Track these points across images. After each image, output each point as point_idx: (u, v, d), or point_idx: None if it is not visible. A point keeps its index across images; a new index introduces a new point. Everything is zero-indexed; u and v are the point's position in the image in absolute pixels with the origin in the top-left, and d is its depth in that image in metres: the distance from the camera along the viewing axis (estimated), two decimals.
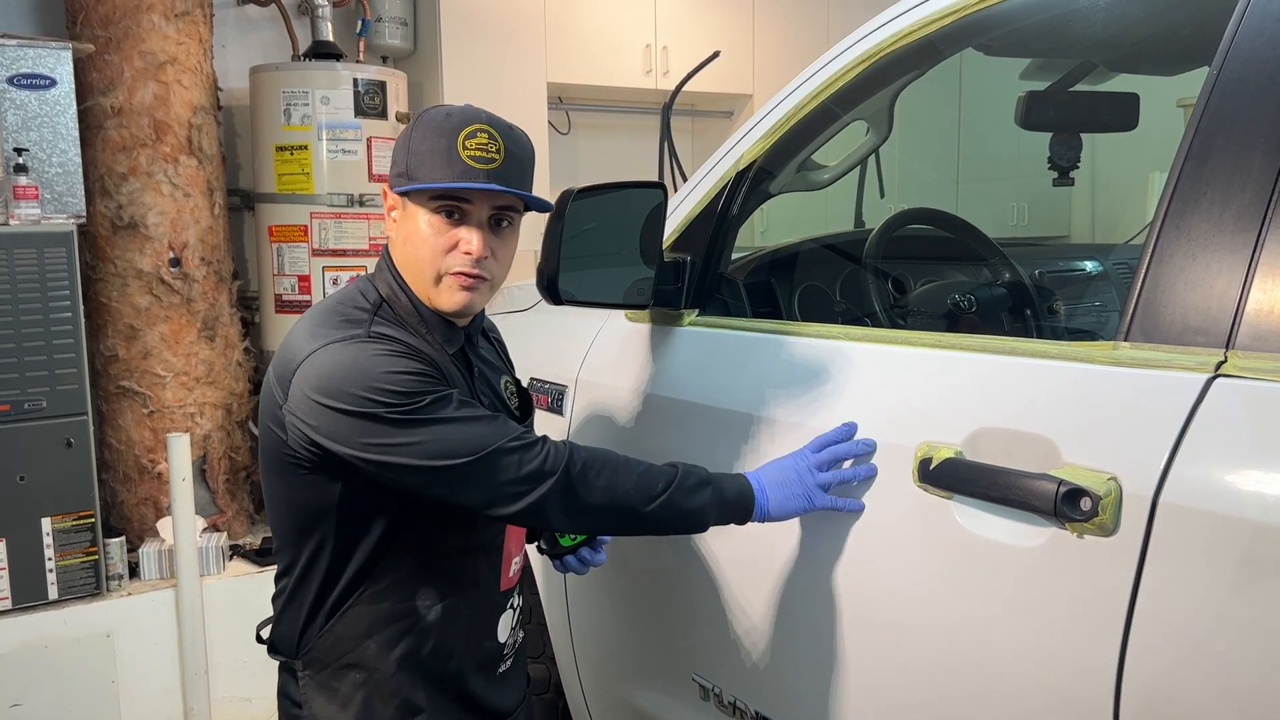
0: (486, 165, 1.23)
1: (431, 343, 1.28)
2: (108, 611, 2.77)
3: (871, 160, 2.14)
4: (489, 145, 1.24)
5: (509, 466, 1.19)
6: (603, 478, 1.23)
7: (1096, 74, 2.08)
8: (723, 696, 1.50)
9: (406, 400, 1.17)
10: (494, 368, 1.44)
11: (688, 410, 1.54)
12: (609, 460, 1.25)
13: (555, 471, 1.20)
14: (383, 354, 1.19)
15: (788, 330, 1.47)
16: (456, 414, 1.19)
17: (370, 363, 1.18)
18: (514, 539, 1.41)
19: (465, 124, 1.24)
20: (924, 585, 1.16)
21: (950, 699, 1.14)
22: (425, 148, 1.24)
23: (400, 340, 1.23)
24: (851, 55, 1.46)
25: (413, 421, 1.17)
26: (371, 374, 1.17)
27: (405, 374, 1.18)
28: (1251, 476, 0.89)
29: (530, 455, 1.20)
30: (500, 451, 1.19)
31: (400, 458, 1.18)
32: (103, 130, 2.96)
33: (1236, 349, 0.94)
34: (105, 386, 3.07)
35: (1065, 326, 2.09)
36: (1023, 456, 1.06)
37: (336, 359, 1.19)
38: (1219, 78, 1.01)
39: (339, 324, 1.24)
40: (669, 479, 1.25)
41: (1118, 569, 0.96)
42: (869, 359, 1.32)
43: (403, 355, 1.20)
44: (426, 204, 1.25)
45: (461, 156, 1.22)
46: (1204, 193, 0.99)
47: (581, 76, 4.10)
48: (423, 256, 1.26)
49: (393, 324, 1.27)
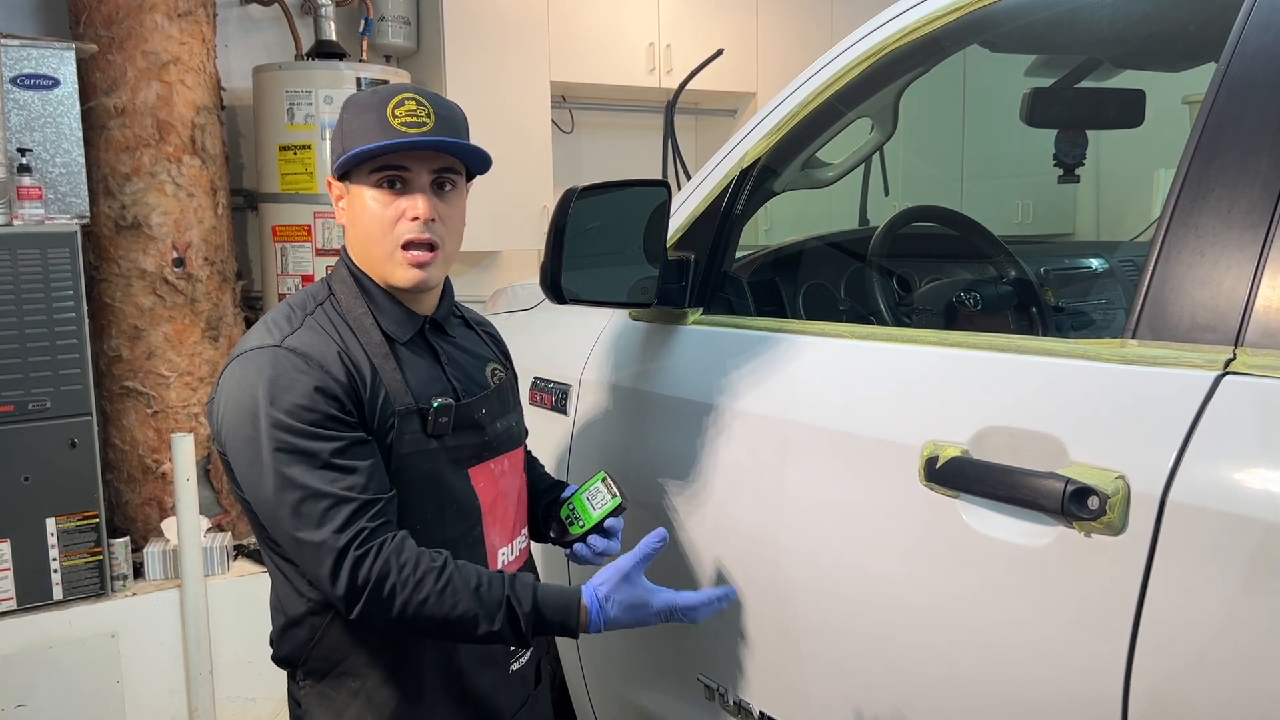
0: (419, 129, 1.23)
1: (370, 338, 1.27)
2: (112, 612, 2.77)
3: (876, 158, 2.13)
4: (418, 111, 1.24)
5: (318, 562, 1.17)
6: (410, 608, 1.17)
7: (1102, 70, 2.07)
8: (728, 697, 1.50)
9: (278, 429, 1.17)
10: (475, 355, 1.42)
11: (692, 409, 1.53)
12: (426, 589, 1.17)
13: (354, 595, 1.16)
14: (282, 374, 1.19)
15: (792, 329, 1.46)
16: (303, 478, 1.17)
17: (261, 380, 1.19)
18: (496, 530, 1.38)
19: (392, 95, 1.24)
20: (930, 584, 1.16)
21: (957, 698, 1.14)
22: (356, 125, 1.24)
23: (310, 353, 1.21)
24: (855, 52, 1.45)
25: (263, 453, 1.17)
26: (257, 392, 1.18)
27: (294, 404, 1.17)
28: (1260, 475, 0.89)
29: (341, 564, 1.15)
30: (309, 545, 1.17)
31: (244, 482, 1.21)
32: (106, 130, 2.95)
33: (1245, 346, 0.93)
34: (109, 387, 3.07)
35: (1071, 324, 2.08)
36: (1029, 455, 1.06)
37: (240, 370, 1.22)
38: (1227, 73, 1.00)
39: (273, 325, 1.25)
40: (485, 612, 1.19)
41: (1126, 568, 0.96)
42: (874, 357, 1.32)
43: (302, 374, 1.19)
44: (367, 180, 1.25)
45: (392, 124, 1.22)
46: (1212, 189, 0.98)
47: (585, 75, 4.09)
48: (372, 233, 1.26)
49: (330, 321, 1.27)
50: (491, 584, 1.21)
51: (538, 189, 3.96)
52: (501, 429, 1.39)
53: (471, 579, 1.20)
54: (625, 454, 1.66)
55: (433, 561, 1.18)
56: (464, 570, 1.20)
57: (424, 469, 1.28)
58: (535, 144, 3.97)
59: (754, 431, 1.42)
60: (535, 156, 3.96)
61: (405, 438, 1.26)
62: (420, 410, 1.27)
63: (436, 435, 1.28)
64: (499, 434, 1.38)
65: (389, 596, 1.16)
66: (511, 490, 1.42)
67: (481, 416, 1.35)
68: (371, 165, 1.24)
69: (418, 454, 1.27)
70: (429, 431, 1.28)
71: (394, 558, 1.17)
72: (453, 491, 1.31)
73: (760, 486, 1.41)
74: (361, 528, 1.16)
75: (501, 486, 1.39)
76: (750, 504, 1.42)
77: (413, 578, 1.16)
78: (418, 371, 1.30)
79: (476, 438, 1.34)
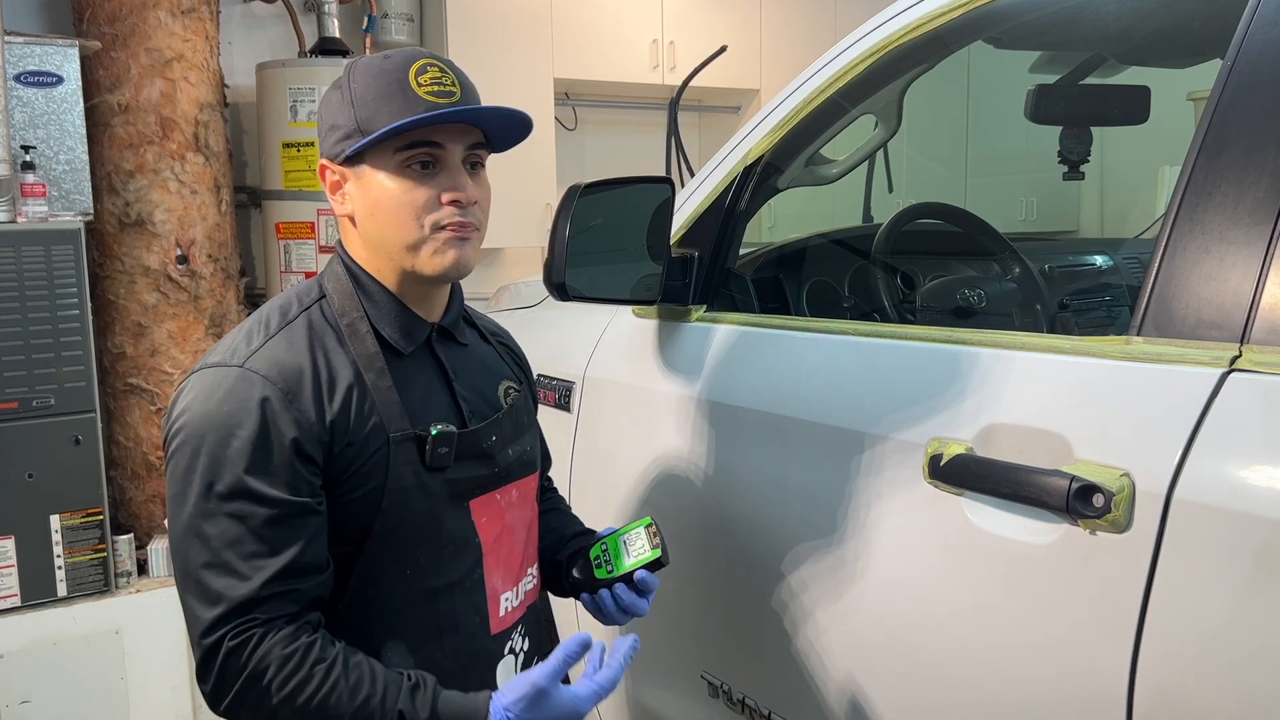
0: (448, 100, 1.06)
1: (364, 349, 1.10)
2: (116, 609, 2.77)
3: (880, 155, 2.13)
4: (443, 78, 1.07)
5: (193, 638, 1.01)
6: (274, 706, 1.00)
7: (1106, 67, 2.06)
8: (732, 694, 1.50)
9: (211, 471, 1.01)
10: (488, 369, 1.25)
11: (695, 406, 1.53)
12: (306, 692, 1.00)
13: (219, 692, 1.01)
14: (236, 407, 1.02)
15: (796, 326, 1.46)
16: (214, 543, 1.00)
17: (212, 407, 1.03)
18: (499, 573, 1.19)
19: (410, 60, 1.07)
20: (934, 582, 1.16)
21: (961, 697, 1.14)
22: (372, 94, 1.06)
23: (274, 377, 1.04)
24: (859, 49, 1.45)
25: (189, 492, 1.01)
26: (204, 421, 1.02)
27: (239, 450, 1.01)
28: (1266, 472, 0.88)
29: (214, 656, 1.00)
30: (190, 614, 1.01)
31: (168, 507, 1.04)
32: (110, 128, 2.95)
33: (1251, 343, 0.93)
34: (113, 384, 3.07)
35: (1076, 321, 2.08)
36: (1034, 452, 1.05)
37: (195, 388, 1.06)
38: (1233, 69, 1.00)
39: (247, 334, 1.09)
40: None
41: (1131, 566, 0.96)
42: (878, 354, 1.31)
43: (257, 410, 1.02)
44: (389, 161, 1.07)
45: (420, 94, 1.05)
46: (1218, 186, 0.98)
47: (588, 72, 4.09)
48: (401, 221, 1.07)
49: (314, 329, 1.10)
50: (386, 692, 1.02)
51: (541, 186, 3.96)
52: (513, 456, 1.21)
53: (364, 685, 1.01)
54: (628, 451, 1.66)
55: (313, 662, 1.00)
56: (356, 672, 1.02)
57: (419, 507, 1.10)
58: (538, 141, 3.97)
59: (758, 429, 1.42)
60: (538, 153, 3.96)
61: (398, 469, 1.08)
62: (417, 438, 1.09)
63: (436, 468, 1.11)
64: (510, 462, 1.20)
65: (259, 697, 1.00)
66: (519, 524, 1.23)
67: (491, 445, 1.17)
68: (398, 143, 1.06)
69: (411, 488, 1.09)
70: (427, 463, 1.10)
71: (277, 650, 0.99)
72: (450, 530, 1.13)
73: (764, 484, 1.41)
74: (251, 618, 1.00)
75: (508, 521, 1.20)
76: (754, 501, 1.42)
77: (292, 679, 0.99)
78: (418, 389, 1.13)
79: (485, 469, 1.17)
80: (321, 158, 1.13)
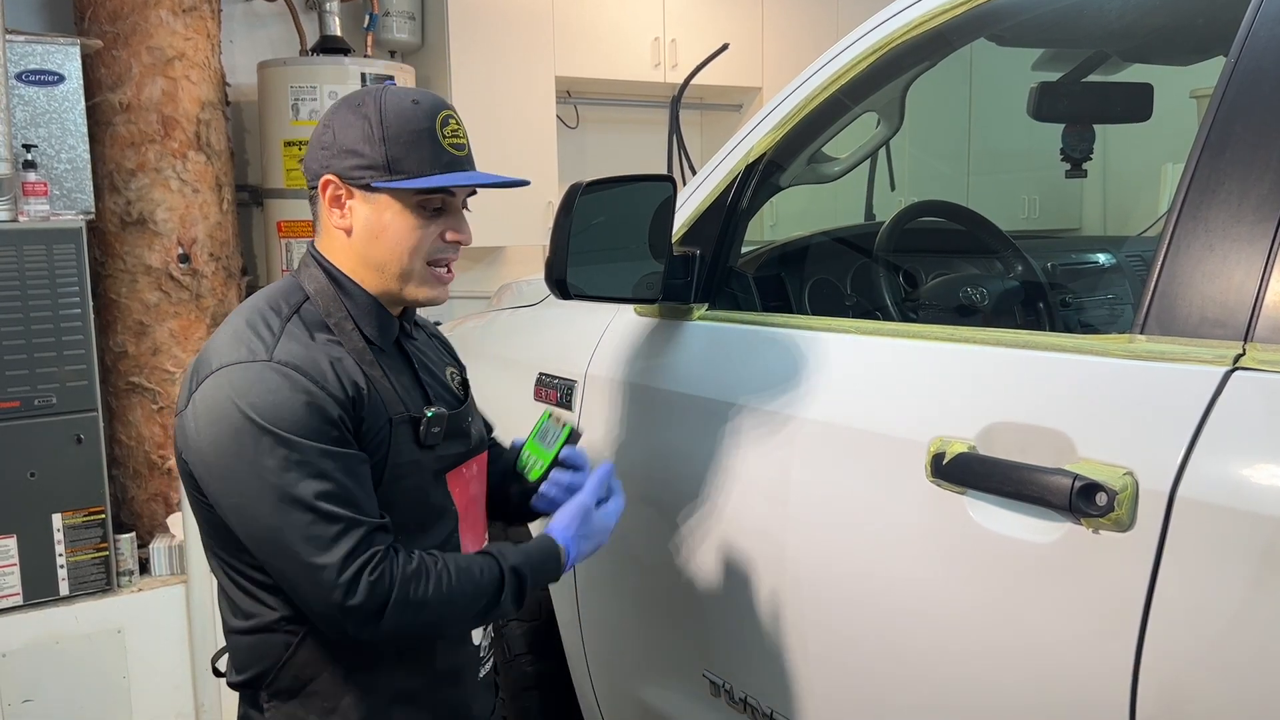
0: (463, 153, 1.23)
1: (354, 343, 1.22)
2: (119, 607, 2.77)
3: (882, 153, 2.12)
4: (459, 131, 1.23)
5: (328, 585, 1.11)
6: (426, 618, 1.16)
7: (1109, 64, 2.06)
8: (734, 693, 1.49)
9: (284, 447, 1.11)
10: (436, 358, 1.39)
11: (697, 405, 1.53)
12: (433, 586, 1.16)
13: (372, 616, 1.12)
14: (277, 390, 1.12)
15: (798, 324, 1.46)
16: (313, 500, 1.11)
17: (255, 397, 1.12)
18: (470, 536, 1.34)
19: (437, 110, 1.21)
20: (936, 581, 1.15)
21: (962, 696, 1.13)
22: (404, 138, 1.19)
23: (304, 367, 1.14)
24: (862, 47, 1.45)
25: (262, 474, 1.11)
26: (249, 410, 1.12)
27: (297, 423, 1.12)
28: (1270, 471, 0.88)
29: (354, 588, 1.11)
30: (318, 568, 1.11)
31: (228, 504, 1.14)
32: (111, 126, 2.96)
33: (1255, 341, 0.92)
34: (115, 383, 3.07)
35: (1079, 320, 2.08)
36: (1037, 451, 1.05)
37: (226, 386, 1.14)
38: (1237, 66, 1.00)
39: (251, 335, 1.17)
40: (491, 593, 1.20)
41: (1134, 565, 0.95)
42: (880, 353, 1.31)
43: (300, 391, 1.13)
44: (409, 200, 1.20)
45: (444, 145, 1.20)
46: (1222, 183, 0.98)
47: (589, 70, 4.09)
48: (402, 251, 1.22)
49: (310, 328, 1.20)
50: (487, 565, 1.21)
51: (542, 184, 3.96)
52: (476, 434, 1.37)
53: (474, 565, 1.20)
54: (630, 450, 1.66)
55: (431, 565, 1.17)
56: (463, 560, 1.21)
57: (413, 480, 1.24)
58: (540, 139, 3.97)
59: (759, 427, 1.42)
60: (540, 152, 3.96)
61: (398, 447, 1.22)
62: (413, 419, 1.23)
63: (429, 445, 1.25)
64: (476, 439, 1.37)
65: (408, 612, 1.14)
66: (480, 494, 1.40)
67: (468, 424, 1.34)
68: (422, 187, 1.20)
69: (407, 464, 1.23)
70: (421, 441, 1.24)
71: (401, 572, 1.14)
72: (435, 500, 1.28)
73: (766, 482, 1.40)
74: (375, 550, 1.13)
75: (473, 491, 1.37)
76: (756, 500, 1.42)
77: (424, 588, 1.15)
78: (401, 378, 1.26)
79: (462, 445, 1.32)
80: (325, 172, 1.22)
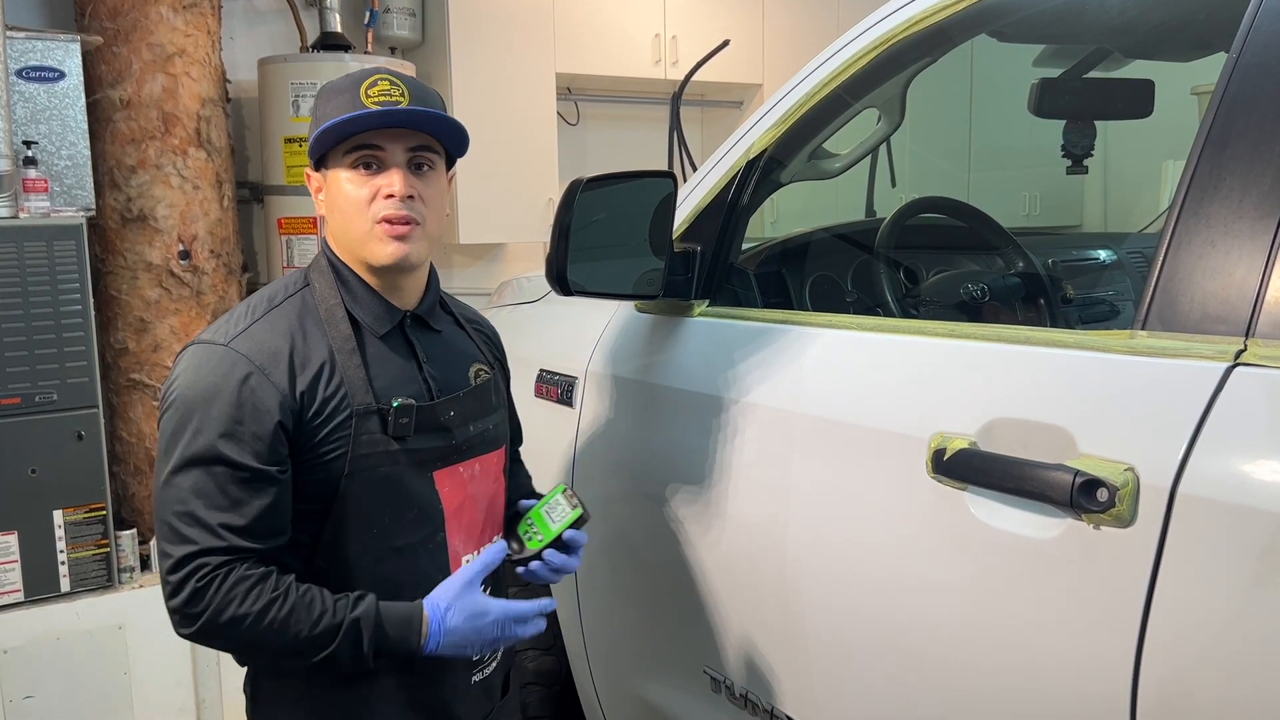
0: (391, 108, 1.21)
1: (339, 331, 1.24)
2: (120, 604, 2.77)
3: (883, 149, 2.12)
4: (391, 90, 1.22)
5: (164, 572, 1.17)
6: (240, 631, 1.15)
7: (1110, 61, 2.06)
8: (734, 689, 1.49)
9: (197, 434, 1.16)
10: (460, 353, 1.38)
11: (698, 401, 1.53)
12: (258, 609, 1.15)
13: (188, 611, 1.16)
14: (218, 378, 1.18)
15: (799, 321, 1.46)
16: (191, 496, 1.15)
17: (199, 377, 1.19)
18: (460, 536, 1.32)
19: (365, 76, 1.23)
20: (937, 577, 1.15)
21: (963, 693, 1.14)
22: (329, 108, 1.22)
23: (252, 354, 1.19)
24: (863, 42, 1.45)
25: (175, 449, 1.17)
26: (191, 389, 1.18)
27: (219, 415, 1.16)
28: (1271, 467, 0.88)
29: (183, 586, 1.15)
30: (163, 554, 1.17)
31: (155, 473, 1.20)
32: (111, 123, 2.95)
33: (1256, 337, 0.92)
34: (115, 379, 3.07)
35: (1080, 316, 2.08)
36: (1038, 447, 1.05)
37: (187, 361, 1.22)
38: (1238, 63, 1.00)
39: (233, 319, 1.24)
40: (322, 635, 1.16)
41: (1135, 561, 0.95)
42: (881, 349, 1.31)
43: (238, 382, 1.17)
44: (341, 163, 1.23)
45: (365, 103, 1.20)
46: (1223, 179, 0.98)
47: (590, 67, 4.08)
48: (349, 214, 1.23)
49: (296, 312, 1.24)
50: (337, 606, 1.18)
51: (543, 181, 3.96)
52: (474, 432, 1.34)
53: (318, 603, 1.17)
54: (631, 446, 1.66)
55: (267, 590, 1.16)
56: (310, 593, 1.18)
57: (382, 471, 1.24)
58: (540, 136, 3.97)
59: (760, 423, 1.42)
60: (540, 148, 3.95)
61: (363, 438, 1.22)
62: (380, 410, 1.23)
63: (397, 437, 1.24)
64: (470, 437, 1.33)
65: (222, 627, 1.15)
66: (481, 496, 1.36)
67: (449, 419, 1.30)
68: (345, 147, 1.22)
69: (376, 455, 1.23)
70: (389, 432, 1.24)
71: (229, 586, 1.15)
72: (413, 495, 1.27)
73: (767, 478, 1.40)
74: (215, 559, 1.15)
75: (470, 491, 1.34)
76: (756, 496, 1.42)
77: (247, 608, 1.14)
78: (388, 368, 1.26)
79: (442, 440, 1.29)
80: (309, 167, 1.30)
